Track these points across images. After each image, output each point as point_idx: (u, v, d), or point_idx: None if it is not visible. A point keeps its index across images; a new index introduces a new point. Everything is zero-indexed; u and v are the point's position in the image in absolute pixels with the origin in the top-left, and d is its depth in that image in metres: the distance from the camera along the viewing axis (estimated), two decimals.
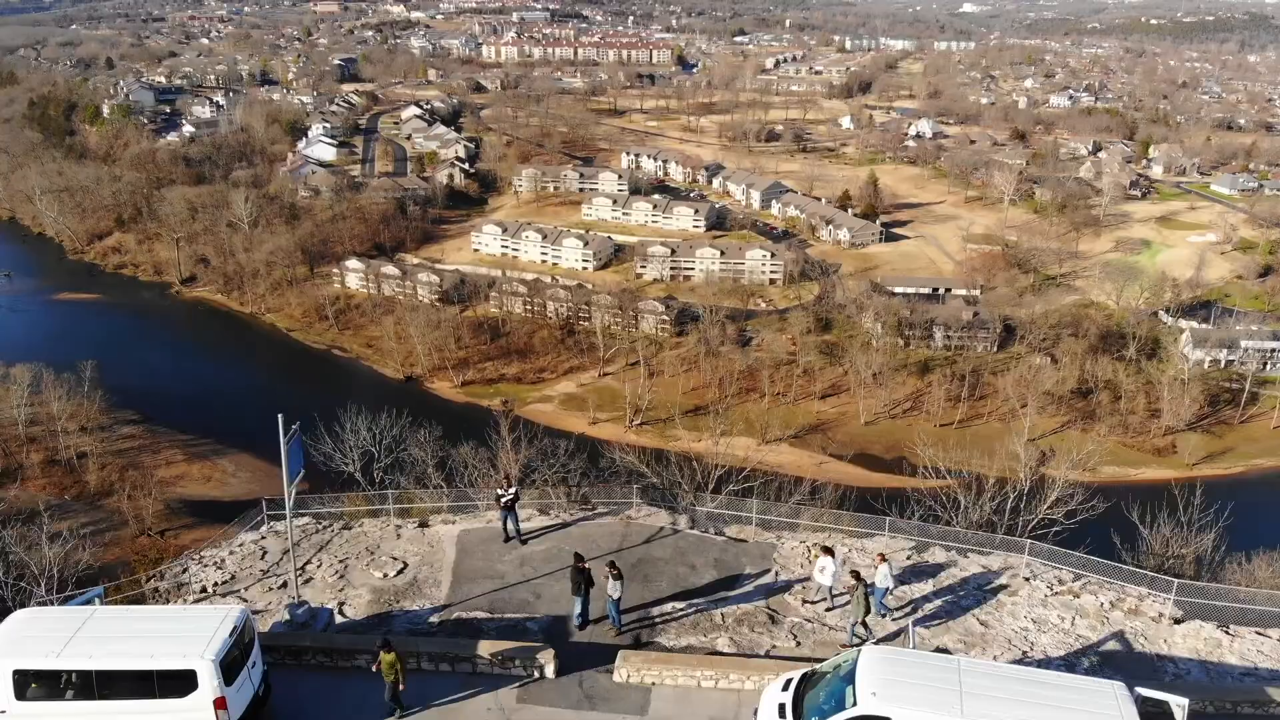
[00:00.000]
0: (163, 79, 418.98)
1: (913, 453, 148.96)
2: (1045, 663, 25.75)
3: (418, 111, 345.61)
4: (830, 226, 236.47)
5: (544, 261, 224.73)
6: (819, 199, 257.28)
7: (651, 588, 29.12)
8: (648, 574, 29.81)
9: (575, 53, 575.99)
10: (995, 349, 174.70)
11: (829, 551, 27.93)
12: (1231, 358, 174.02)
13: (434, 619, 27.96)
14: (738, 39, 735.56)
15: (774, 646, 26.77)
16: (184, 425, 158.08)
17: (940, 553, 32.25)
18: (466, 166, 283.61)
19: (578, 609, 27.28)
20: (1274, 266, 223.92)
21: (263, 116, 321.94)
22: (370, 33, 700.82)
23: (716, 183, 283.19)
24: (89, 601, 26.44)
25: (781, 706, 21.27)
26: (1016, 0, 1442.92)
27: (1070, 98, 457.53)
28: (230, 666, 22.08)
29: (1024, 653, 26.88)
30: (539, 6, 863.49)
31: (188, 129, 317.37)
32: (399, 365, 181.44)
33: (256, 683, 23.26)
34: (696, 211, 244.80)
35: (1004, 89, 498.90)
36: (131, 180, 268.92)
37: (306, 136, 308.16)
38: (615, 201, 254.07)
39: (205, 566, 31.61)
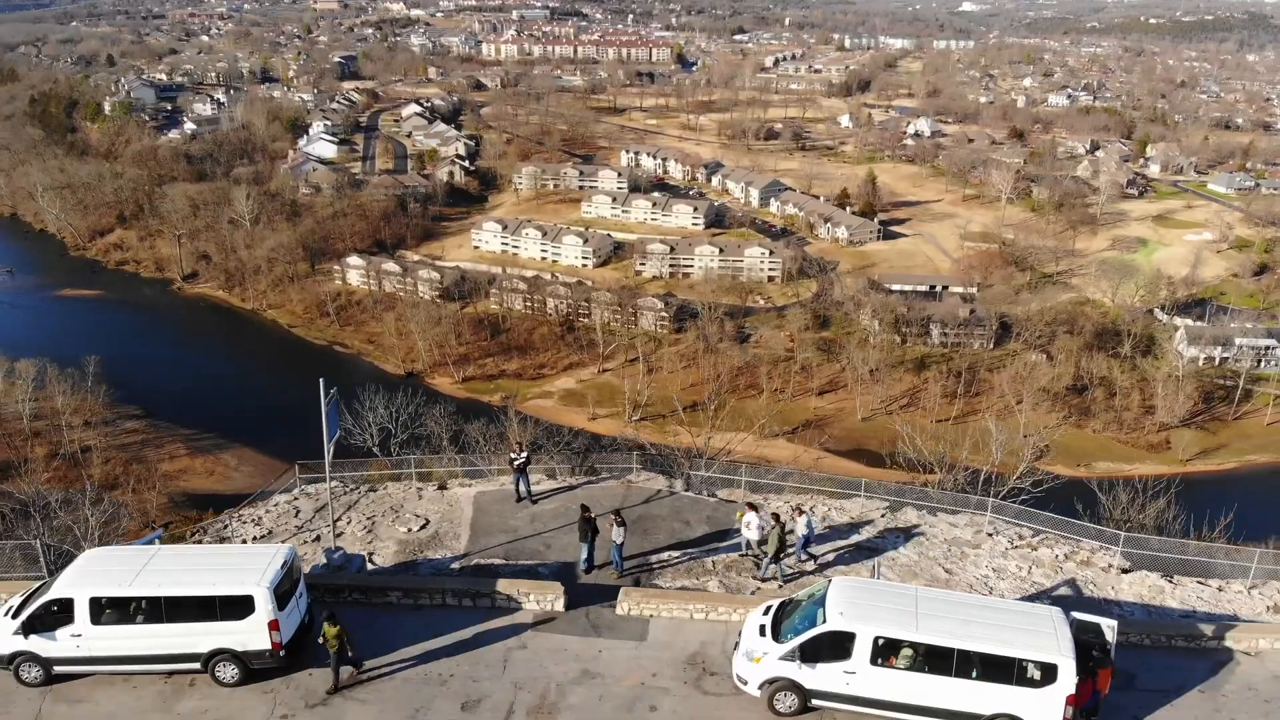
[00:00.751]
0: (164, 76, 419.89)
1: (902, 440, 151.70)
2: None
3: (418, 109, 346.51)
4: (828, 224, 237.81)
5: (544, 259, 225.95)
6: (817, 197, 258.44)
7: (650, 540, 31.90)
8: (646, 528, 32.55)
9: (575, 51, 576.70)
10: (991, 346, 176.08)
11: (754, 508, 30.70)
12: (1226, 355, 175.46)
13: (455, 565, 30.50)
14: (737, 37, 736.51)
15: (759, 588, 29.41)
16: (186, 420, 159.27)
17: (912, 512, 35.11)
18: (467, 164, 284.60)
19: (584, 554, 29.73)
20: (1269, 265, 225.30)
21: (264, 114, 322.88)
22: (370, 30, 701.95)
23: (716, 181, 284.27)
24: (150, 543, 28.93)
25: (762, 627, 24.27)
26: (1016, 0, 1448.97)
27: (1069, 97, 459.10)
28: (282, 595, 24.57)
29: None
30: (538, 4, 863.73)
31: (189, 126, 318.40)
32: (400, 361, 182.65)
33: (303, 611, 25.80)
34: (696, 209, 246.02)
35: (1003, 88, 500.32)
36: (133, 177, 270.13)
37: (307, 134, 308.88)
38: (615, 199, 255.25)
39: (244, 523, 34.40)
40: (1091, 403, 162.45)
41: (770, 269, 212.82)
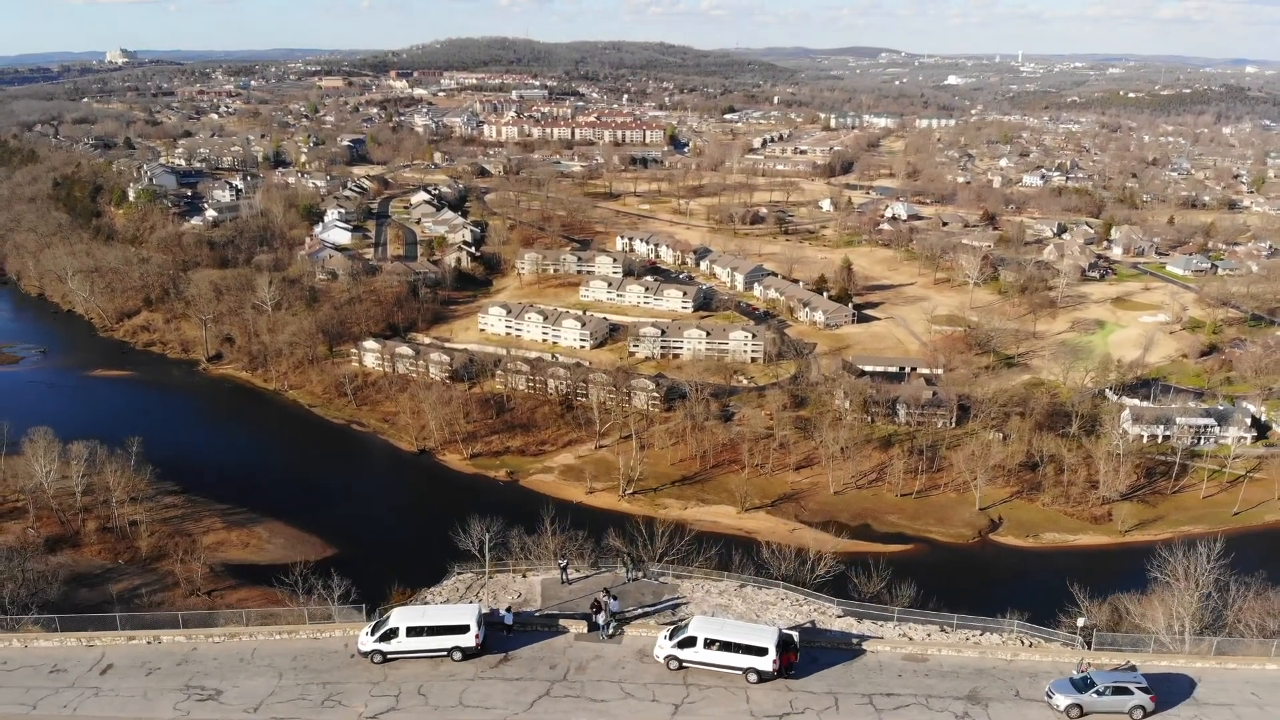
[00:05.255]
0: (182, 161, 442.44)
1: (878, 520, 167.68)
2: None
3: (426, 197, 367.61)
4: (807, 308, 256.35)
5: (545, 340, 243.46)
6: (797, 281, 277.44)
7: (626, 602, 59.03)
8: (621, 596, 59.15)
9: (573, 133, 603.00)
10: (953, 425, 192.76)
11: (598, 603, 56.83)
12: (1168, 433, 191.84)
13: (536, 614, 58.23)
14: (728, 116, 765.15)
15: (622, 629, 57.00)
16: (220, 495, 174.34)
17: (750, 588, 63.64)
18: (473, 250, 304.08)
19: (594, 618, 56.59)
20: (1218, 345, 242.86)
21: (280, 200, 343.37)
22: (375, 110, 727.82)
23: (704, 265, 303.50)
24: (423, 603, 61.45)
25: (665, 635, 52.76)
26: (1000, 73, 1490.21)
27: (1042, 177, 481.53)
28: (479, 624, 52.55)
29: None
30: (537, 84, 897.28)
31: (210, 213, 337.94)
32: (413, 439, 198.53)
33: (483, 630, 53.01)
34: (685, 294, 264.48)
35: (980, 168, 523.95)
36: (159, 262, 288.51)
37: (323, 221, 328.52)
38: (610, 284, 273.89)
39: (434, 596, 63.27)
40: (1043, 478, 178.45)
41: (753, 351, 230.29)
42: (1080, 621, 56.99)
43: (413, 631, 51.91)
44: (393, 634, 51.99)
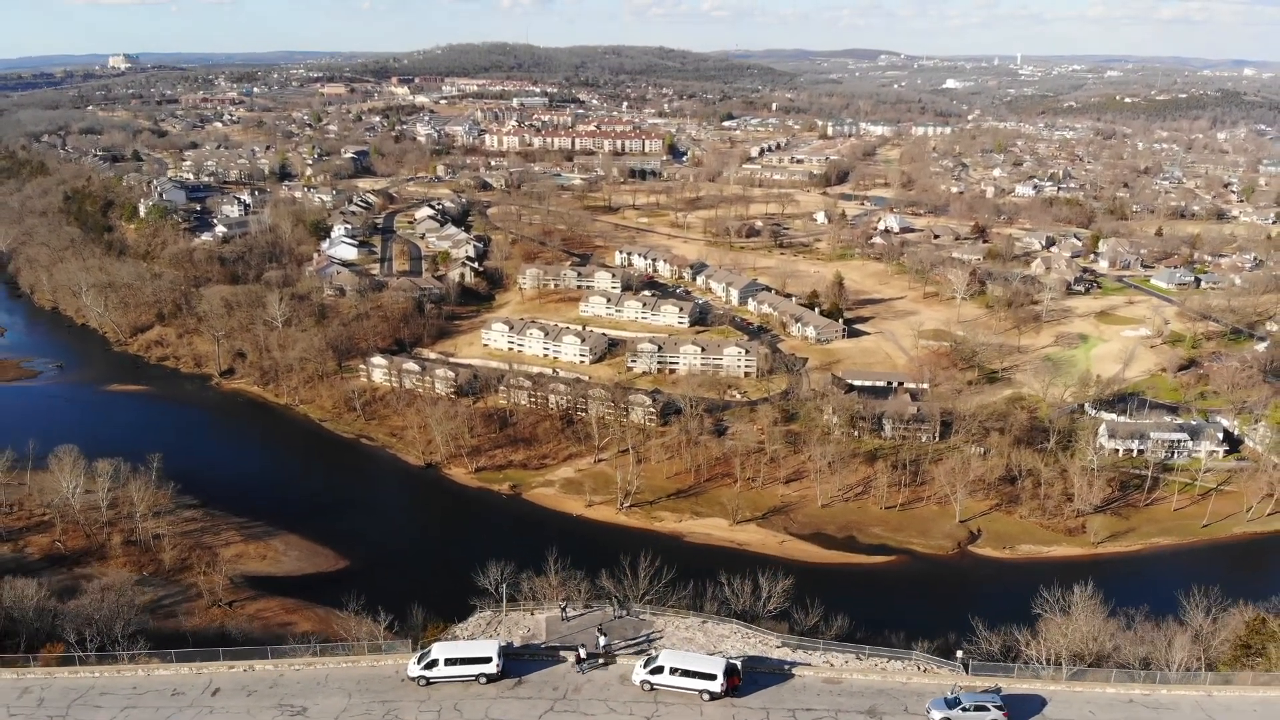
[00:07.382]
0: (190, 175, 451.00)
1: (863, 532, 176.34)
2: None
3: (430, 212, 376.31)
4: (799, 324, 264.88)
5: (546, 355, 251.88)
6: (790, 296, 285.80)
7: (613, 638, 70.51)
8: (609, 633, 71.00)
9: (573, 142, 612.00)
10: (936, 439, 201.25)
11: (579, 653, 67.61)
12: (1142, 447, 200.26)
13: (542, 645, 70.35)
14: (726, 124, 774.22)
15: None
16: (237, 508, 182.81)
17: (711, 623, 76.19)
18: (476, 265, 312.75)
19: (585, 655, 67.96)
20: (1196, 359, 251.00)
21: (288, 216, 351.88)
22: (377, 118, 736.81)
23: (700, 280, 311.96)
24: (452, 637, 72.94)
25: (641, 664, 65.48)
26: (998, 76, 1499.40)
27: (1035, 187, 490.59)
28: (499, 655, 66.32)
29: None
30: (538, 91, 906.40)
31: (220, 229, 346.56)
32: (420, 453, 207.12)
33: (502, 660, 65.87)
34: (681, 309, 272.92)
35: (973, 178, 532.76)
36: (171, 278, 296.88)
37: (330, 237, 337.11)
38: (609, 299, 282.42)
39: (462, 634, 74.51)
40: (1020, 491, 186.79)
41: (746, 366, 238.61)
42: (959, 653, 69.39)
43: (450, 662, 65.10)
44: (434, 663, 65.26)
